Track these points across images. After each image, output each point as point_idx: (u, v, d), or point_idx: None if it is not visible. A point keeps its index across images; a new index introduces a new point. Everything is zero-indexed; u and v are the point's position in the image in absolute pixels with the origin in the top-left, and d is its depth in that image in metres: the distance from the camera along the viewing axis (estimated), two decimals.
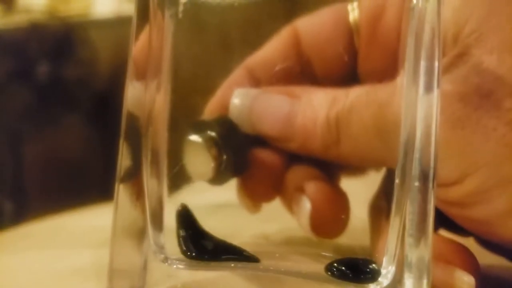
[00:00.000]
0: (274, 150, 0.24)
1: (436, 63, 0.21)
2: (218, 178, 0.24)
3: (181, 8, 0.23)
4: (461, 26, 0.24)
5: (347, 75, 0.24)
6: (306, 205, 0.24)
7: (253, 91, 0.24)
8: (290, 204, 0.24)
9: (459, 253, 0.24)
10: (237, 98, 0.24)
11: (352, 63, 0.24)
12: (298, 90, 0.24)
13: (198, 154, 0.24)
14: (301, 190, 0.24)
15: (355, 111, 0.23)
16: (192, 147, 0.24)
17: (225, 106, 0.24)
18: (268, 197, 0.25)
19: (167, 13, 0.23)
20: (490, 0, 0.24)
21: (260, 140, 0.24)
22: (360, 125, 0.23)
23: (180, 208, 0.24)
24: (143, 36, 0.23)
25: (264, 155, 0.24)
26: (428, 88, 0.21)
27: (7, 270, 0.29)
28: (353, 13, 0.25)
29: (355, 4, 0.25)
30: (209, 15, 0.24)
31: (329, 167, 0.24)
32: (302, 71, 0.25)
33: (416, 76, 0.21)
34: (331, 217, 0.24)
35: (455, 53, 0.23)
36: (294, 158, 0.24)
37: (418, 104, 0.21)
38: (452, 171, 0.23)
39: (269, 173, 0.24)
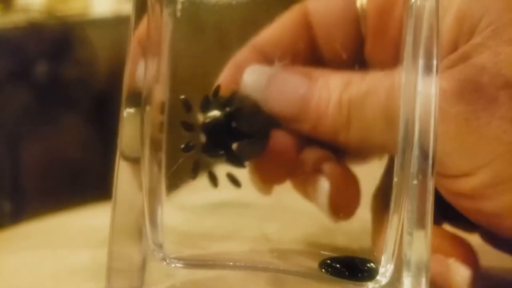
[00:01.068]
0: (287, 132, 0.24)
1: (434, 61, 0.21)
2: (238, 157, 0.24)
3: (179, 6, 0.23)
4: (478, 19, 0.24)
5: (354, 59, 0.24)
6: (324, 185, 0.24)
7: (268, 69, 0.24)
8: (304, 186, 0.24)
9: (458, 246, 0.24)
10: (251, 74, 0.24)
11: (359, 49, 0.24)
12: (316, 72, 0.24)
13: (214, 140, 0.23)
14: (318, 170, 0.24)
15: (369, 96, 0.23)
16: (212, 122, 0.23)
17: (235, 84, 0.24)
18: (280, 180, 0.25)
19: (165, 12, 0.23)
20: None
21: (272, 121, 0.24)
22: (371, 111, 0.23)
23: None
24: (142, 26, 0.22)
25: (277, 137, 0.24)
26: (427, 85, 0.21)
27: (5, 270, 0.29)
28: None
29: None
30: (207, 13, 0.24)
31: (338, 151, 0.24)
32: (311, 53, 0.25)
33: (414, 74, 0.21)
34: (348, 196, 0.24)
35: (472, 43, 0.23)
36: (306, 140, 0.24)
37: (416, 101, 0.21)
38: (465, 162, 0.23)
39: (283, 155, 0.24)
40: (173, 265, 0.23)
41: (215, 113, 0.23)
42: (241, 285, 0.24)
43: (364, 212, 0.24)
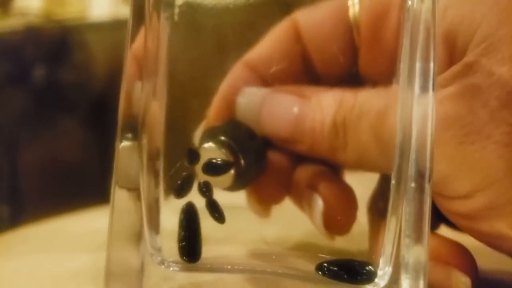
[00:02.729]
0: (281, 151, 0.24)
1: (432, 64, 0.21)
2: (236, 184, 0.24)
3: (176, 10, 0.23)
4: (471, 34, 0.23)
5: (349, 72, 0.24)
6: (318, 203, 0.23)
7: (261, 90, 0.24)
8: (301, 202, 0.24)
9: (457, 254, 0.24)
10: (244, 97, 0.23)
11: (353, 61, 0.24)
12: (307, 90, 0.24)
13: (217, 167, 0.23)
14: (312, 188, 0.24)
15: (362, 117, 0.22)
16: (209, 154, 0.23)
17: (230, 106, 0.23)
18: (279, 199, 0.24)
19: (163, 16, 0.23)
20: (501, 7, 0.23)
21: (266, 142, 0.24)
22: (364, 132, 0.23)
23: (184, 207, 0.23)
24: (140, 37, 0.22)
25: (273, 157, 0.24)
26: (424, 89, 0.21)
27: (4, 274, 0.29)
28: (353, 8, 0.24)
29: None
30: (204, 17, 0.24)
31: (333, 164, 0.24)
32: (303, 67, 0.24)
33: (411, 77, 0.21)
34: (342, 213, 0.24)
35: (465, 61, 0.23)
36: (300, 157, 0.24)
37: (413, 105, 0.21)
38: (462, 185, 0.22)
39: (279, 174, 0.24)
40: (171, 268, 0.23)
41: (211, 145, 0.23)
42: None
43: (361, 216, 0.24)
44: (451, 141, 0.22)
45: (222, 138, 0.23)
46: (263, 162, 0.24)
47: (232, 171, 0.23)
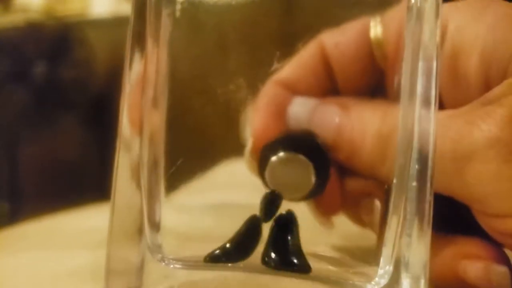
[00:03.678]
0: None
1: (434, 64, 0.21)
2: (307, 196, 0.24)
3: (178, 7, 0.23)
4: (507, 60, 0.24)
5: (372, 92, 0.24)
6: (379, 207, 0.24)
7: (311, 101, 0.24)
8: (357, 214, 0.24)
9: (491, 249, 0.24)
10: (296, 107, 0.24)
11: (375, 80, 0.24)
12: (350, 101, 0.24)
13: (297, 172, 0.23)
14: (368, 195, 0.24)
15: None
16: (292, 165, 0.23)
17: (278, 120, 0.24)
18: (336, 210, 0.25)
19: (164, 12, 0.23)
20: None
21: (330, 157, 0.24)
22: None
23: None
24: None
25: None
26: (426, 88, 0.21)
27: (3, 271, 0.29)
28: (375, 29, 0.25)
29: (378, 19, 0.25)
30: (206, 14, 0.24)
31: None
32: (330, 87, 0.25)
33: (414, 77, 0.21)
34: None
35: (508, 82, 0.23)
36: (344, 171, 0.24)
37: (416, 105, 0.21)
38: (506, 204, 0.22)
39: (335, 186, 0.24)
40: (171, 266, 0.23)
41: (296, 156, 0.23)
42: (239, 286, 0.24)
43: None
44: (494, 159, 0.22)
45: (298, 148, 0.23)
46: (329, 173, 0.24)
47: (313, 180, 0.23)
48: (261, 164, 0.23)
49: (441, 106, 0.24)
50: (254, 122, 0.24)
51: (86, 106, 1.25)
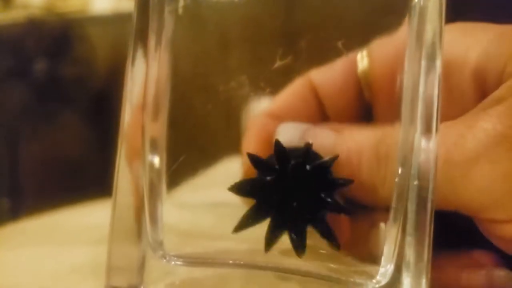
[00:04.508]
0: None
1: (438, 63, 0.21)
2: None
3: (181, 4, 0.23)
4: (502, 67, 0.23)
5: (360, 122, 0.25)
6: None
7: (300, 125, 0.24)
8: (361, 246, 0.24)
9: (490, 255, 0.24)
10: (285, 131, 0.24)
11: (364, 111, 0.25)
12: (341, 125, 0.24)
13: None
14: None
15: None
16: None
17: (267, 147, 0.23)
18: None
19: (167, 9, 0.23)
20: None
21: None
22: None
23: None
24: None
25: None
26: (429, 87, 0.21)
27: (3, 267, 0.29)
28: (362, 63, 0.25)
29: (365, 53, 0.25)
30: (208, 11, 0.24)
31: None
32: (320, 117, 0.25)
33: (415, 76, 0.21)
34: None
35: (508, 85, 0.23)
36: None
37: (418, 104, 0.21)
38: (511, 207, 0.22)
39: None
40: (172, 263, 0.23)
41: None
42: (241, 283, 0.24)
43: None
44: (503, 157, 0.21)
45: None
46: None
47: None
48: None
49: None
50: (245, 151, 0.23)
51: (86, 102, 1.24)
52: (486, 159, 0.21)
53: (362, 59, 0.25)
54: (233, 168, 0.24)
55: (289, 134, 0.24)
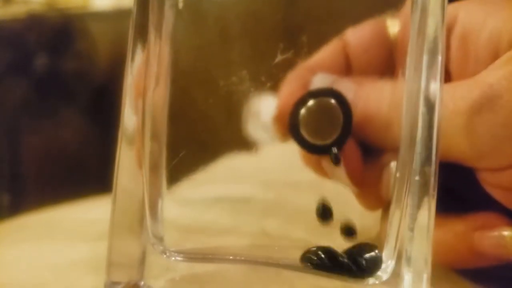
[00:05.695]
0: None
1: (439, 57, 0.21)
2: (341, 137, 0.24)
3: None
4: None
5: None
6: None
7: (331, 76, 0.26)
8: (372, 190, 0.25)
9: (499, 216, 0.25)
10: (318, 80, 0.25)
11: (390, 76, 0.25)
12: (364, 79, 0.25)
13: (327, 115, 0.24)
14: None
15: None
16: (321, 109, 0.24)
17: (298, 95, 0.25)
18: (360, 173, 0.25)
19: (167, 4, 0.23)
20: None
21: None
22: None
23: None
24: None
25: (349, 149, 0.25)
26: (430, 81, 0.21)
27: (3, 262, 0.29)
28: (393, 28, 0.26)
29: (395, 20, 0.25)
30: (209, 5, 0.24)
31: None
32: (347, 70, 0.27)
33: (418, 70, 0.21)
34: None
35: None
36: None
37: (420, 98, 0.21)
38: (509, 153, 0.23)
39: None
40: (173, 258, 0.23)
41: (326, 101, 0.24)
42: (241, 279, 0.24)
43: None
44: (505, 105, 0.23)
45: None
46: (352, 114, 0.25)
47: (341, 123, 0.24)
48: (291, 121, 0.24)
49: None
50: (281, 92, 0.25)
51: (87, 97, 1.24)
52: (488, 109, 0.23)
53: (393, 25, 0.26)
54: (233, 164, 0.24)
55: (321, 84, 0.25)
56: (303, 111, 0.24)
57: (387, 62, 0.26)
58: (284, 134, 0.25)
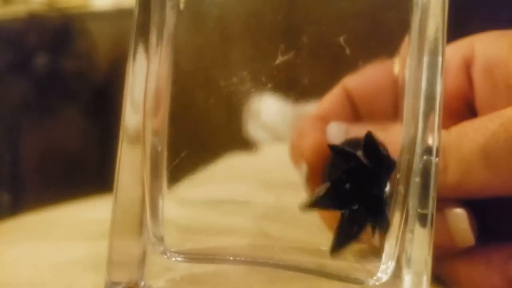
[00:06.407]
0: None
1: (440, 58, 0.21)
2: None
3: None
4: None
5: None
6: (460, 212, 0.24)
7: (347, 124, 0.26)
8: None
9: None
10: (333, 130, 0.25)
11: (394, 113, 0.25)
12: (388, 125, 0.25)
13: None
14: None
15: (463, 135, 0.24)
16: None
17: (324, 145, 0.24)
18: None
19: (168, 4, 0.23)
20: None
21: None
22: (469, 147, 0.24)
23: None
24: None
25: None
26: (431, 83, 0.21)
27: (4, 261, 0.29)
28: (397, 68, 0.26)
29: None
30: (210, 6, 0.24)
31: None
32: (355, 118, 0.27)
33: (419, 72, 0.21)
34: None
35: None
36: None
37: (421, 99, 0.21)
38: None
39: None
40: (173, 258, 0.23)
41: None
42: (241, 279, 0.24)
43: None
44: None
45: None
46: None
47: None
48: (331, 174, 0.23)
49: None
50: (303, 145, 0.24)
51: (87, 97, 1.25)
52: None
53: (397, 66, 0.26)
54: (234, 165, 0.24)
55: (338, 132, 0.25)
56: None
57: (394, 104, 0.25)
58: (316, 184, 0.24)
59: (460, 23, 0.25)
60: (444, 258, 0.25)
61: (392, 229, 0.22)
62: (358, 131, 0.24)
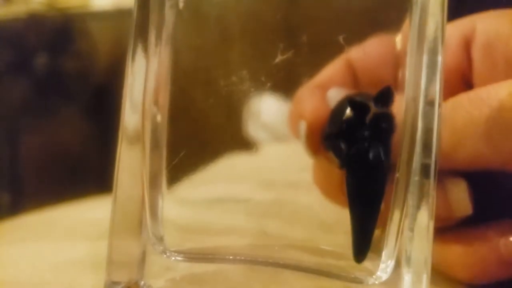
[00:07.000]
0: None
1: (439, 57, 0.21)
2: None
3: None
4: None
5: None
6: (459, 181, 0.25)
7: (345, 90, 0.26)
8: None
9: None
10: (333, 94, 0.25)
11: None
12: None
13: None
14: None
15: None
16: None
17: (324, 107, 0.24)
18: None
19: (168, 4, 0.23)
20: None
21: None
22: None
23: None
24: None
25: None
26: (430, 82, 0.21)
27: (4, 261, 0.29)
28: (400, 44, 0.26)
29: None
30: (209, 5, 0.24)
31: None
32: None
33: (418, 71, 0.21)
34: None
35: None
36: None
37: (420, 98, 0.21)
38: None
39: None
40: (173, 258, 0.23)
41: None
42: (241, 279, 0.24)
43: None
44: None
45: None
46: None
47: None
48: (330, 132, 0.23)
49: None
50: (303, 107, 0.24)
51: (87, 97, 1.24)
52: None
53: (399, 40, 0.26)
54: (234, 164, 0.24)
55: (339, 97, 0.25)
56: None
57: (394, 77, 0.26)
58: (316, 150, 0.24)
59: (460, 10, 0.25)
60: (440, 231, 0.25)
61: (392, 227, 0.22)
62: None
